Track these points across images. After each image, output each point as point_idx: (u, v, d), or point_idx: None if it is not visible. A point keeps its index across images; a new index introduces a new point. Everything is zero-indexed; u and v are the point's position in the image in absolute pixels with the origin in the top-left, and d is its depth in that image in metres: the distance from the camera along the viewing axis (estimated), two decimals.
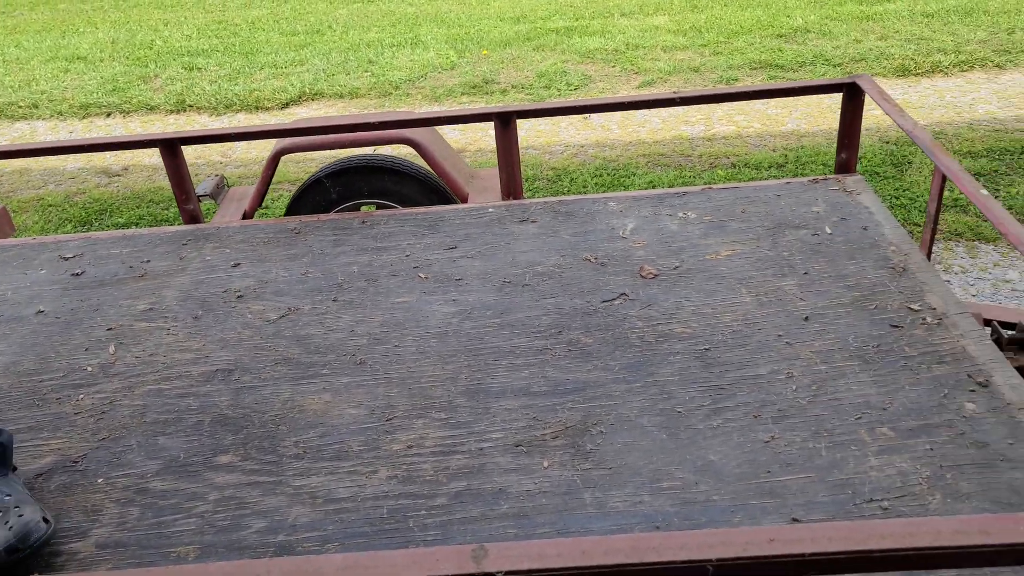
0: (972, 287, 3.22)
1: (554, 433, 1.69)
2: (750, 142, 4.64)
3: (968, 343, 1.87)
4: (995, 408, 1.68)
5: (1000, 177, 4.04)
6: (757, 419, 1.71)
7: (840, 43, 6.21)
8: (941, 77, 5.49)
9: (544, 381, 1.83)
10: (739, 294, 2.12)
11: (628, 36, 6.58)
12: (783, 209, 2.49)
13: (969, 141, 4.45)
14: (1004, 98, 5.03)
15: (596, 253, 2.31)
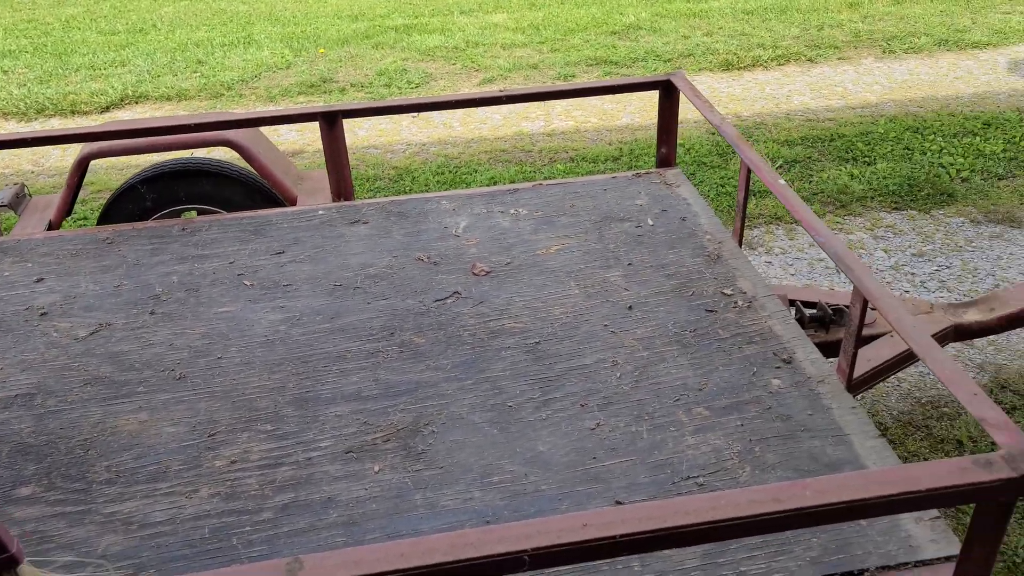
0: (791, 267, 3.46)
1: (385, 436, 1.67)
2: (588, 137, 4.79)
3: (774, 323, 2.00)
4: (797, 383, 1.81)
5: (813, 163, 4.36)
6: (584, 408, 1.76)
7: (669, 39, 6.50)
8: (761, 71, 5.86)
9: (375, 384, 1.81)
10: (568, 287, 2.18)
11: (468, 34, 6.62)
12: (609, 203, 2.57)
13: (787, 130, 4.78)
14: (816, 90, 5.43)
15: (429, 252, 2.31)
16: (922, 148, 4.43)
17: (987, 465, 1.19)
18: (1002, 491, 1.18)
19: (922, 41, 6.20)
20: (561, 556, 1.09)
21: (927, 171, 4.15)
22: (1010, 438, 1.23)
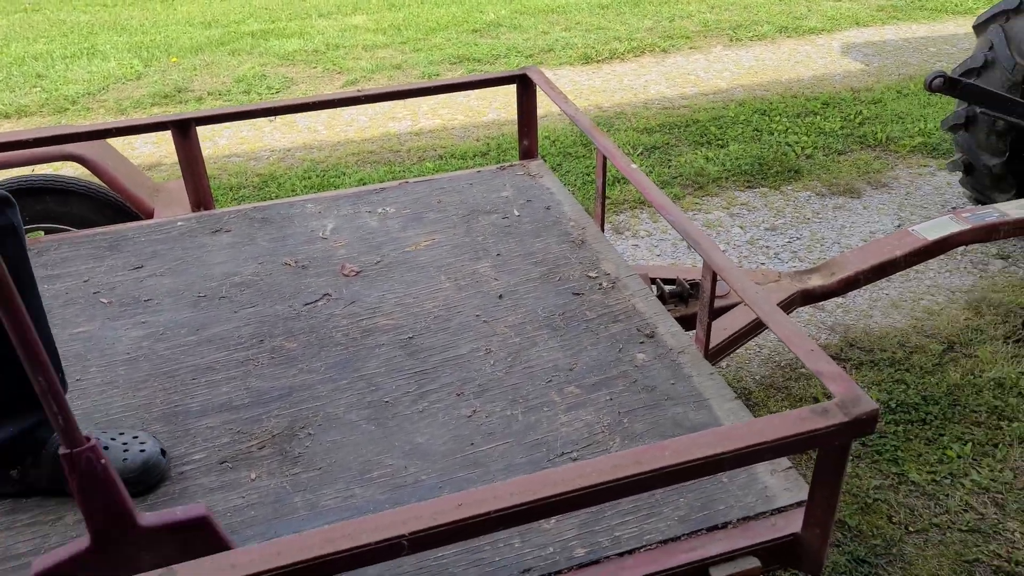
0: (656, 247, 3.61)
1: (260, 444, 1.65)
2: (455, 134, 4.82)
3: (637, 301, 2.09)
4: (660, 355, 1.90)
5: (671, 148, 4.56)
6: (460, 396, 1.79)
7: (529, 35, 6.62)
8: (619, 62, 6.05)
9: (247, 393, 1.78)
10: (439, 281, 2.20)
11: (328, 36, 6.53)
12: (475, 197, 2.62)
13: (645, 119, 4.96)
14: (670, 79, 5.67)
15: (296, 257, 2.28)
16: (770, 129, 4.70)
17: (823, 413, 1.29)
18: (837, 435, 1.28)
19: (765, 29, 6.56)
20: (439, 537, 1.11)
21: (775, 150, 4.41)
22: (843, 388, 1.34)
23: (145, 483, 1.53)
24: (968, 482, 2.27)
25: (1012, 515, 2.16)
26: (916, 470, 2.31)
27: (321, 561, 1.06)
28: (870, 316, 3.06)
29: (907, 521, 2.16)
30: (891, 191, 4.04)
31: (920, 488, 2.26)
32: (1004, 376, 2.65)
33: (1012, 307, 3.04)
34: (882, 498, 2.23)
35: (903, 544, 2.09)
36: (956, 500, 2.22)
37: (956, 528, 2.13)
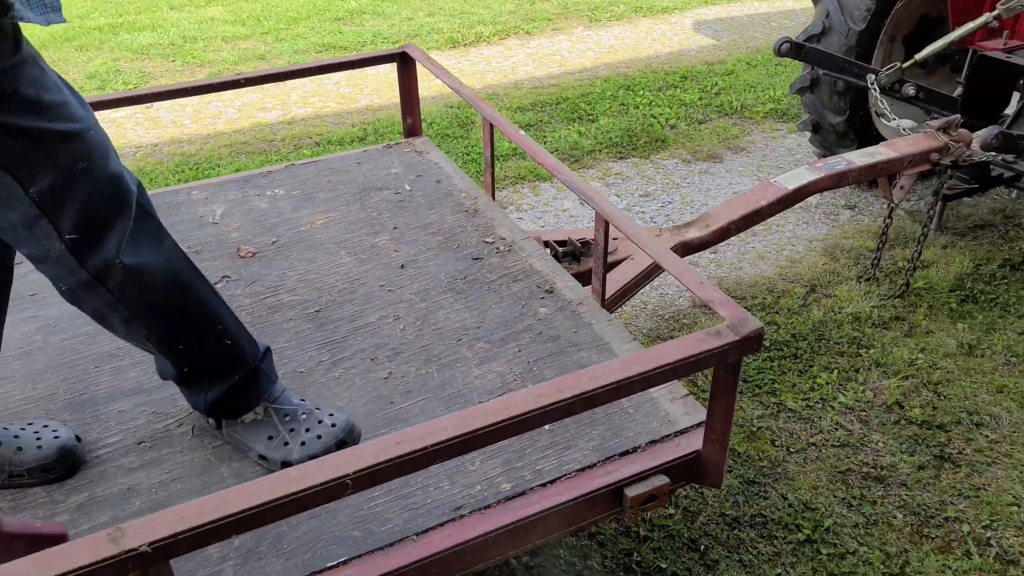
0: (540, 219, 3.74)
1: (178, 422, 1.65)
2: (329, 121, 4.78)
3: (534, 261, 2.20)
4: (560, 308, 2.01)
5: (545, 126, 4.70)
6: (374, 361, 1.84)
7: (394, 22, 6.62)
8: (485, 46, 6.15)
9: (157, 376, 1.76)
10: (338, 256, 2.23)
11: (183, 29, 6.30)
12: (365, 175, 2.65)
13: (517, 98, 5.09)
14: (537, 59, 5.82)
15: (188, 243, 2.25)
16: (635, 103, 4.93)
17: (717, 335, 1.43)
18: (730, 353, 1.43)
19: (621, 9, 6.83)
20: (382, 474, 1.17)
21: (642, 122, 4.63)
22: (731, 312, 1.48)
23: (63, 468, 1.51)
24: (837, 404, 2.51)
25: (875, 429, 2.42)
26: (792, 399, 2.53)
27: (269, 507, 1.10)
28: (740, 268, 3.30)
29: (788, 443, 2.37)
30: (749, 154, 4.33)
31: (797, 414, 2.48)
32: (859, 311, 2.94)
33: (861, 251, 3.35)
34: (765, 426, 2.43)
35: (786, 463, 2.30)
36: (828, 421, 2.45)
37: (829, 445, 2.37)
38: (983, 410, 2.48)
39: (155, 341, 1.48)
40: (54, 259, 1.34)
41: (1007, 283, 3.08)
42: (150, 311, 1.43)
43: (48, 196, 1.29)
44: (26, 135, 1.26)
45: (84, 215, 1.32)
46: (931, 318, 2.91)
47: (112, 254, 1.35)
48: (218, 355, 1.53)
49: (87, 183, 1.32)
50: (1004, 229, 3.46)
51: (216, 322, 1.53)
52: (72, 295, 1.40)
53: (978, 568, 2.01)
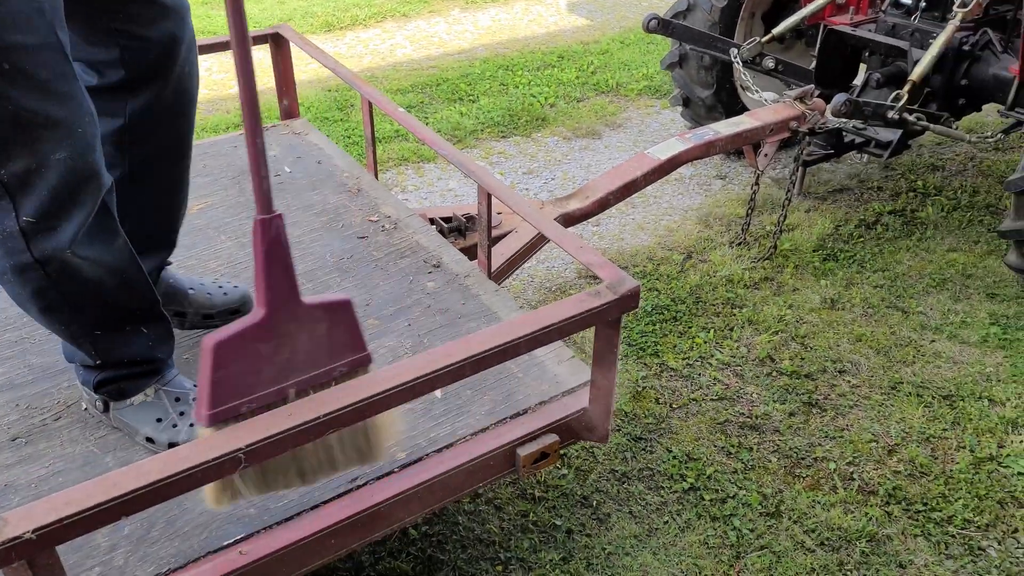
0: (426, 199, 3.76)
1: (55, 415, 1.59)
2: (202, 108, 4.63)
3: (420, 237, 2.22)
4: (448, 281, 2.05)
5: (426, 107, 4.71)
6: None
7: (266, 5, 6.44)
8: (362, 29, 6.07)
9: (29, 370, 1.70)
10: (218, 241, 2.19)
11: None
12: (242, 158, 2.59)
13: (396, 80, 5.06)
14: (415, 42, 5.80)
15: None
16: (514, 83, 4.99)
17: (596, 295, 1.50)
18: (609, 312, 1.50)
19: None
20: (274, 447, 1.18)
21: (522, 102, 4.70)
22: (609, 273, 1.56)
23: (243, 313, 1.80)
24: (714, 361, 2.66)
25: (750, 381, 2.58)
26: (673, 359, 2.66)
27: (160, 485, 1.09)
28: (622, 239, 3.42)
29: (670, 400, 2.50)
30: (626, 130, 4.47)
31: (678, 372, 2.62)
32: (732, 273, 3.11)
33: (732, 218, 3.53)
34: (649, 385, 2.55)
35: (670, 419, 2.43)
36: (706, 377, 2.59)
37: (708, 399, 2.51)
38: (845, 358, 2.68)
39: (74, 330, 1.47)
40: (2, 236, 1.33)
41: (863, 241, 3.33)
42: (82, 304, 1.43)
43: (18, 179, 1.29)
44: (16, 115, 1.24)
45: (49, 203, 1.32)
46: (797, 277, 3.10)
47: (65, 244, 1.35)
48: (135, 350, 1.53)
49: (61, 173, 1.31)
50: (859, 192, 3.72)
51: (146, 319, 1.53)
52: (2, 277, 1.38)
53: (843, 500, 2.18)
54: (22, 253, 1.34)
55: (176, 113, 1.63)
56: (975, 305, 2.94)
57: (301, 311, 1.27)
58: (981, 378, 2.59)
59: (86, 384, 1.56)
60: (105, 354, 1.50)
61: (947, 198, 3.62)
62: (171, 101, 1.60)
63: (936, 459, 2.30)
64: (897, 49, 3.13)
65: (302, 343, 1.26)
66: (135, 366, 1.54)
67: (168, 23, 1.52)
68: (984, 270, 3.12)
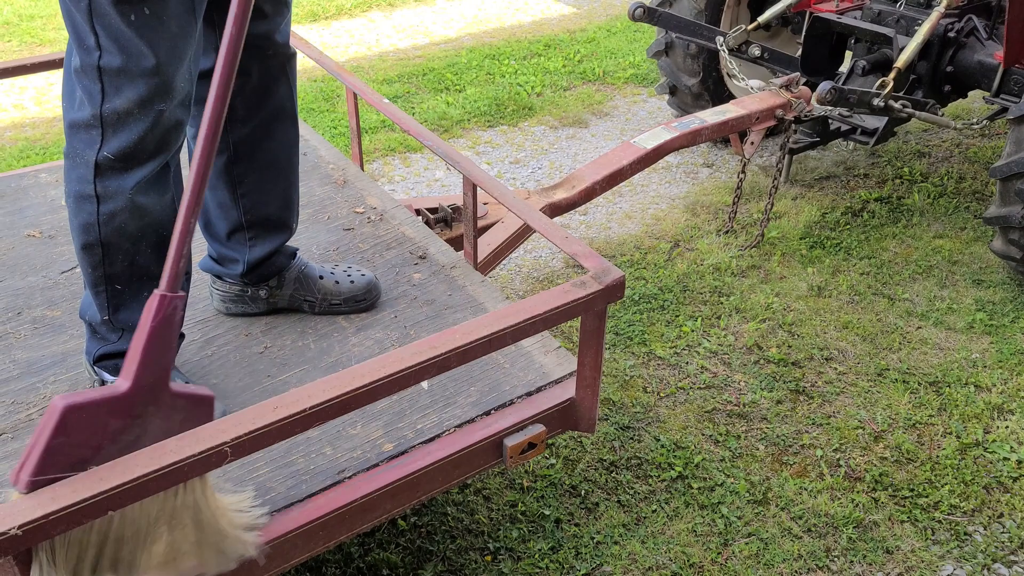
0: (412, 190, 3.75)
1: (41, 410, 1.59)
2: None
3: (406, 229, 2.22)
4: (435, 272, 2.05)
5: (412, 97, 4.69)
6: (248, 336, 1.82)
7: None
8: (347, 19, 6.04)
9: (14, 365, 1.69)
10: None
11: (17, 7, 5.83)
12: None
13: (383, 70, 5.04)
14: (401, 31, 5.77)
15: (40, 227, 2.14)
16: (501, 72, 4.97)
17: (582, 285, 1.50)
18: (595, 302, 1.50)
19: None
20: (259, 440, 1.18)
21: (508, 91, 4.68)
22: (594, 263, 1.56)
23: (368, 301, 1.88)
24: (702, 350, 2.67)
25: (737, 369, 2.59)
26: (661, 347, 2.67)
27: (147, 479, 1.09)
28: (609, 228, 3.42)
29: (658, 389, 2.51)
30: (613, 119, 4.47)
31: (665, 361, 2.62)
32: (719, 261, 3.11)
33: (719, 206, 3.54)
34: (636, 374, 2.56)
35: (657, 408, 2.43)
36: (694, 366, 2.60)
37: (696, 387, 2.52)
38: (832, 345, 2.69)
39: (99, 274, 1.50)
40: (77, 160, 1.42)
41: (849, 228, 3.34)
42: (118, 249, 1.48)
43: (116, 116, 1.38)
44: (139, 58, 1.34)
45: (132, 146, 1.40)
46: (784, 264, 3.12)
47: (128, 186, 1.43)
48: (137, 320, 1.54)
49: (154, 122, 1.40)
50: (846, 179, 3.73)
51: None
52: (66, 198, 1.47)
53: (830, 487, 2.20)
54: (87, 184, 1.42)
55: (276, 94, 1.70)
56: (961, 292, 2.95)
57: (165, 395, 1.21)
58: (967, 364, 2.61)
59: (88, 355, 1.60)
60: (116, 309, 1.54)
61: (933, 185, 3.64)
62: (266, 86, 1.67)
63: (922, 445, 2.32)
64: (883, 36, 3.13)
65: (153, 428, 1.20)
66: None
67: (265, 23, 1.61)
68: (970, 256, 3.14)
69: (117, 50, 1.34)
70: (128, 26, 1.33)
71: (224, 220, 1.77)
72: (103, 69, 1.36)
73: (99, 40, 1.34)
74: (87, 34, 1.34)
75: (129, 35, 1.33)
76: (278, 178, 1.78)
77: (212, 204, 1.76)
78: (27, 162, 3.79)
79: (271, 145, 1.73)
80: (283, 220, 1.84)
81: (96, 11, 1.32)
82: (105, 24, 1.33)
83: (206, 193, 1.66)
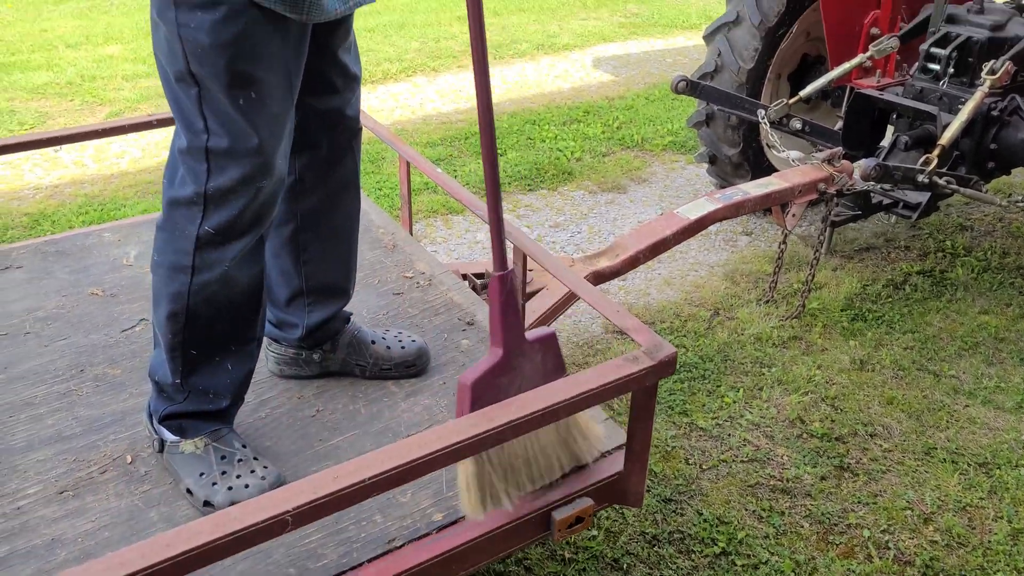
0: (454, 252, 3.80)
1: (101, 468, 1.62)
2: None
3: (454, 294, 2.26)
4: (482, 339, 2.08)
5: (455, 160, 4.79)
6: (301, 399, 1.86)
7: None
8: (393, 83, 6.22)
9: (77, 422, 1.73)
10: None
11: (81, 68, 6.12)
12: None
13: (426, 133, 5.16)
14: (444, 96, 5.92)
15: (103, 286, 2.22)
16: (541, 137, 5.07)
17: (634, 360, 1.52)
18: (647, 377, 1.52)
19: (524, 47, 7.02)
20: (319, 509, 1.20)
21: (548, 156, 4.77)
22: (647, 338, 1.58)
23: (418, 367, 1.92)
24: (744, 422, 2.66)
25: (780, 443, 2.57)
26: (702, 418, 2.66)
27: (212, 546, 1.12)
28: (648, 294, 3.44)
29: (700, 461, 2.49)
30: (651, 185, 4.52)
31: (707, 432, 2.61)
32: (761, 331, 3.11)
33: (759, 275, 3.55)
34: (678, 445, 2.55)
35: (700, 480, 2.42)
36: (736, 438, 2.59)
37: (739, 461, 2.50)
38: (876, 421, 2.66)
39: (179, 340, 1.54)
40: (177, 234, 1.48)
41: (891, 301, 3.32)
42: (203, 318, 1.53)
43: (220, 193, 1.45)
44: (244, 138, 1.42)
45: (233, 221, 1.48)
46: (825, 336, 3.10)
47: (227, 259, 1.50)
48: (215, 381, 1.60)
49: (254, 198, 1.48)
50: (886, 251, 3.73)
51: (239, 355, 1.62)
52: (157, 268, 1.54)
53: (879, 570, 2.15)
54: (186, 255, 1.49)
55: (343, 166, 1.78)
56: (1009, 370, 2.92)
57: (525, 346, 1.53)
58: (1017, 446, 2.56)
59: (154, 413, 1.62)
60: (188, 373, 1.57)
61: (977, 259, 3.62)
62: (334, 158, 1.75)
63: (973, 529, 2.28)
64: (926, 113, 3.16)
65: (527, 371, 1.53)
66: (206, 399, 1.60)
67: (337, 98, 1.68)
68: (1017, 334, 3.11)
69: (224, 132, 1.41)
70: (235, 110, 1.40)
71: (285, 287, 1.82)
72: (210, 150, 1.43)
73: (207, 124, 1.41)
74: (196, 119, 1.41)
75: (235, 118, 1.40)
76: (340, 247, 1.84)
77: (274, 271, 1.81)
78: (86, 218, 3.92)
79: (336, 215, 1.79)
80: (342, 287, 1.89)
81: (205, 98, 1.39)
82: (214, 109, 1.40)
83: (268, 260, 1.73)
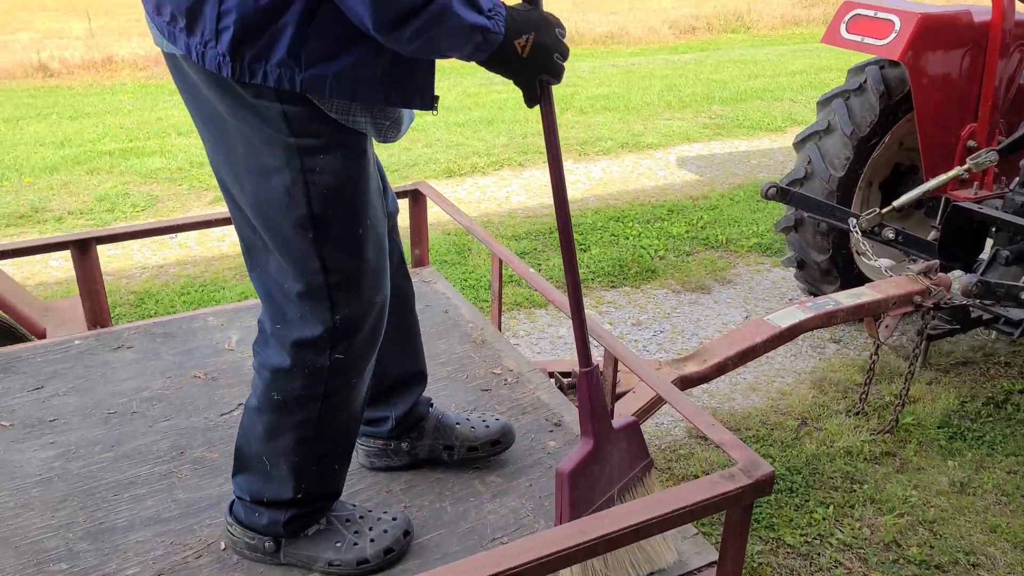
0: (536, 346, 3.83)
1: (196, 553, 1.66)
2: None
3: (541, 393, 2.27)
4: (569, 441, 2.07)
5: (539, 254, 4.87)
6: (389, 493, 1.87)
7: (393, 151, 6.90)
8: (480, 176, 6.41)
9: (175, 504, 1.79)
10: None
11: (191, 155, 6.53)
12: None
13: (511, 227, 5.28)
14: (530, 190, 6.07)
15: (205, 369, 2.31)
16: (625, 234, 5.13)
17: (731, 477, 1.50)
18: (744, 496, 1.49)
19: (608, 144, 7.17)
20: None
21: (632, 253, 4.81)
22: (743, 455, 1.56)
23: (504, 444, 1.96)
24: (834, 541, 2.54)
25: (874, 567, 2.44)
26: (790, 534, 2.56)
27: None
28: (732, 399, 3.38)
29: None
30: (735, 286, 4.49)
31: (795, 549, 2.51)
32: (851, 445, 3.01)
33: (849, 384, 3.45)
34: (765, 561, 2.45)
35: None
36: (826, 558, 2.48)
37: None
38: (979, 550, 2.52)
39: (298, 462, 1.57)
40: (307, 370, 1.49)
41: (992, 421, 3.18)
42: (323, 439, 1.57)
43: (345, 325, 1.47)
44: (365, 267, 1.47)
45: (361, 345, 1.52)
46: (921, 454, 2.98)
47: (352, 377, 1.54)
48: (334, 486, 1.66)
49: (375, 317, 1.53)
50: (985, 367, 3.58)
51: (348, 458, 1.67)
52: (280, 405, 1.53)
53: None
54: (317, 385, 1.50)
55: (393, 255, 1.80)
56: None
57: (612, 435, 1.62)
58: None
59: (257, 522, 1.60)
60: (308, 490, 1.59)
61: None
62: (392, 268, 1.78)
63: None
64: None
65: (615, 458, 1.63)
66: (326, 501, 1.65)
67: None
68: None
69: (344, 266, 1.42)
70: (354, 240, 1.42)
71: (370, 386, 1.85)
72: (332, 287, 1.42)
73: (325, 263, 1.40)
74: (311, 260, 1.40)
75: (353, 249, 1.43)
76: (406, 335, 1.87)
77: None
78: (188, 298, 4.11)
79: (396, 303, 1.78)
80: (418, 370, 1.92)
81: (321, 238, 1.38)
82: (333, 246, 1.40)
83: None
